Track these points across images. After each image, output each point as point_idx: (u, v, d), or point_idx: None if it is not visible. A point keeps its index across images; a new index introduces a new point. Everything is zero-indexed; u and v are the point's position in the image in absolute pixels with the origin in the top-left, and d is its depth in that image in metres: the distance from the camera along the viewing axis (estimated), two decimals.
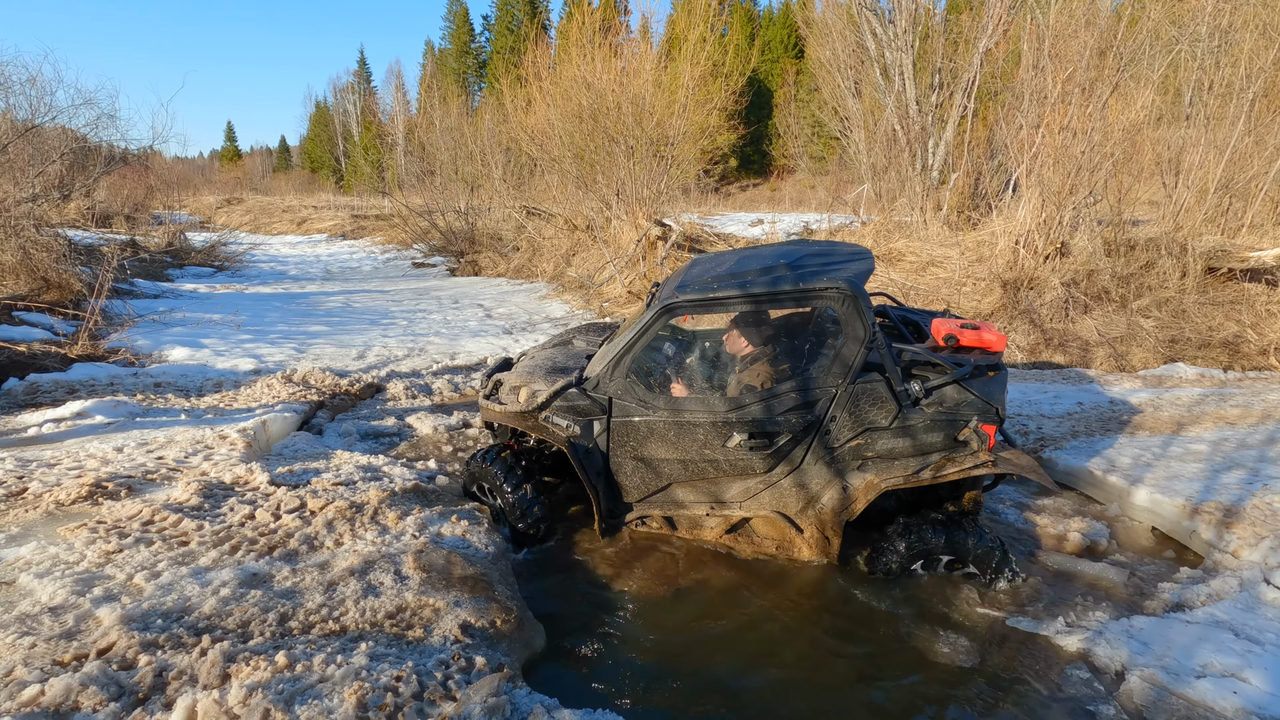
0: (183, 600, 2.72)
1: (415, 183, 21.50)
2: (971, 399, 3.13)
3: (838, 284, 3.13)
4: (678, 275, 3.83)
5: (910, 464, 3.20)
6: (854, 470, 3.28)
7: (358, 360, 7.43)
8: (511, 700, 2.37)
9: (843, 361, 3.17)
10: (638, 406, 3.40)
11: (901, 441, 3.19)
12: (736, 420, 3.28)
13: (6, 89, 9.59)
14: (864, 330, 3.13)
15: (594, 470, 3.50)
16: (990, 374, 3.19)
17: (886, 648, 2.96)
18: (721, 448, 3.33)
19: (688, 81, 11.72)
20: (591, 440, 3.47)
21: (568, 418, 3.47)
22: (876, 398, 3.17)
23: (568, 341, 4.43)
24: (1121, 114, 8.73)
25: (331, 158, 58.85)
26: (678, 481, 3.51)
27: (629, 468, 3.51)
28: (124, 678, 2.28)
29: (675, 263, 10.56)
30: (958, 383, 3.14)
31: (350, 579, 2.99)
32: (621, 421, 3.43)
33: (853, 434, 3.22)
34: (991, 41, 11.53)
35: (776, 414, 3.25)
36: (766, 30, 45.41)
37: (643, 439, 3.42)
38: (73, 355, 6.40)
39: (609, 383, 3.42)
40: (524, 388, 3.68)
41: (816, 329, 3.59)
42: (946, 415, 3.15)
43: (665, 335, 3.85)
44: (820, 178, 28.79)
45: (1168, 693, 2.50)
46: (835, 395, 3.20)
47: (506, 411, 3.65)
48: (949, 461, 3.16)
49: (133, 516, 3.38)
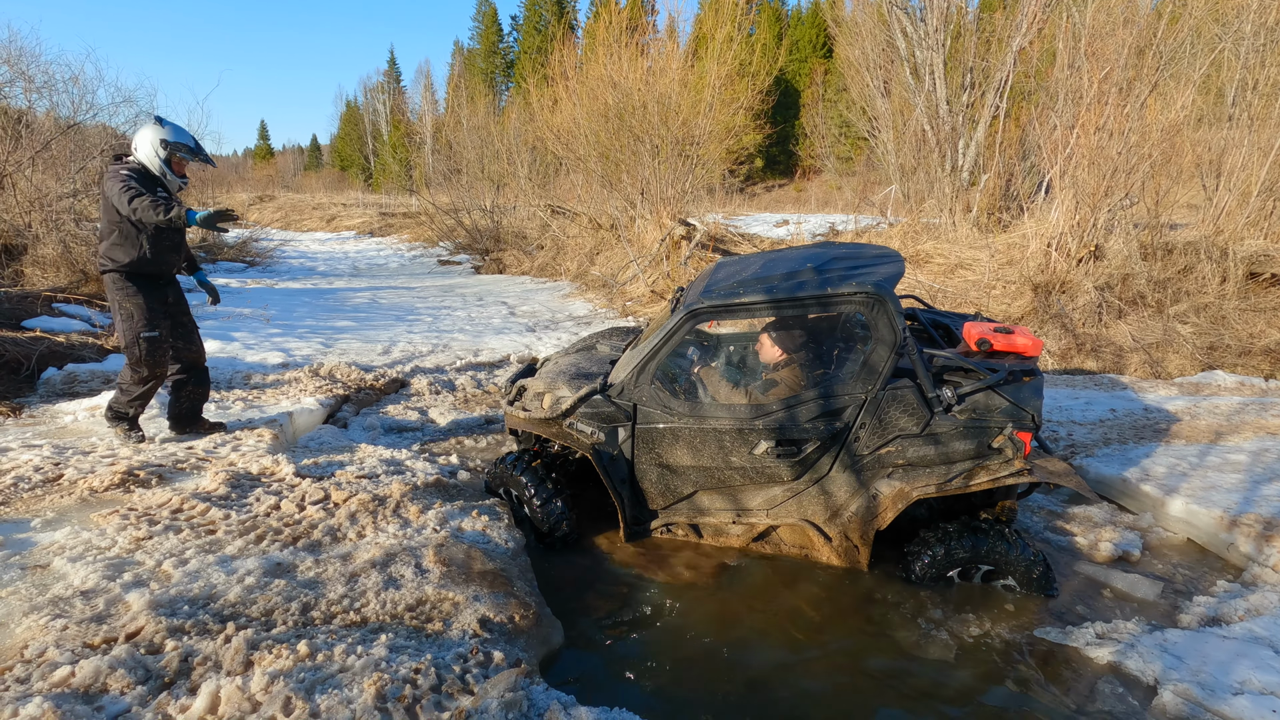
0: (209, 587, 2.77)
1: (442, 181, 21.73)
2: (1006, 405, 3.06)
3: (865, 288, 3.06)
4: (702, 279, 3.80)
5: (942, 472, 3.13)
6: (883, 478, 3.22)
7: (383, 355, 7.52)
8: (528, 696, 2.36)
9: (872, 367, 3.12)
10: (663, 413, 3.37)
11: (933, 449, 3.12)
12: (763, 427, 3.23)
13: (50, 88, 9.89)
14: (894, 335, 3.06)
15: (619, 478, 3.47)
16: (1025, 379, 3.10)
17: (911, 655, 2.91)
18: (748, 455, 3.28)
19: (714, 81, 11.67)
20: (616, 447, 3.44)
21: (592, 424, 3.44)
22: (907, 404, 3.11)
23: (591, 346, 4.41)
24: (1160, 114, 8.50)
25: (361, 156, 59.74)
26: (703, 489, 3.48)
27: (654, 475, 3.48)
28: (151, 662, 2.33)
29: (699, 262, 10.52)
30: (991, 389, 3.07)
31: (372, 571, 3.02)
32: (646, 428, 3.40)
33: (882, 441, 3.16)
34: (1026, 40, 11.30)
35: (804, 421, 3.20)
36: (795, 30, 45.10)
37: (668, 446, 3.39)
38: (109, 346, 6.56)
39: (634, 389, 3.39)
40: (548, 394, 3.66)
41: (845, 334, 3.53)
42: (980, 422, 3.07)
43: (690, 340, 3.80)
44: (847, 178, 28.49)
45: (1203, 709, 2.42)
46: (864, 402, 3.14)
47: (531, 418, 3.61)
48: (983, 469, 3.09)
49: (162, 504, 3.45)
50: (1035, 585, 3.19)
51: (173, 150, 4.13)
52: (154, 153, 4.10)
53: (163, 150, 4.11)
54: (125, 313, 4.15)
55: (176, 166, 4.20)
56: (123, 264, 4.10)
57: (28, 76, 9.66)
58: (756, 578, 3.42)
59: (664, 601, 3.28)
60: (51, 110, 10.58)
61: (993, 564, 3.19)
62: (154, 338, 4.20)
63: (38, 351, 5.86)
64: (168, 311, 4.32)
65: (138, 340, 4.16)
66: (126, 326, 4.16)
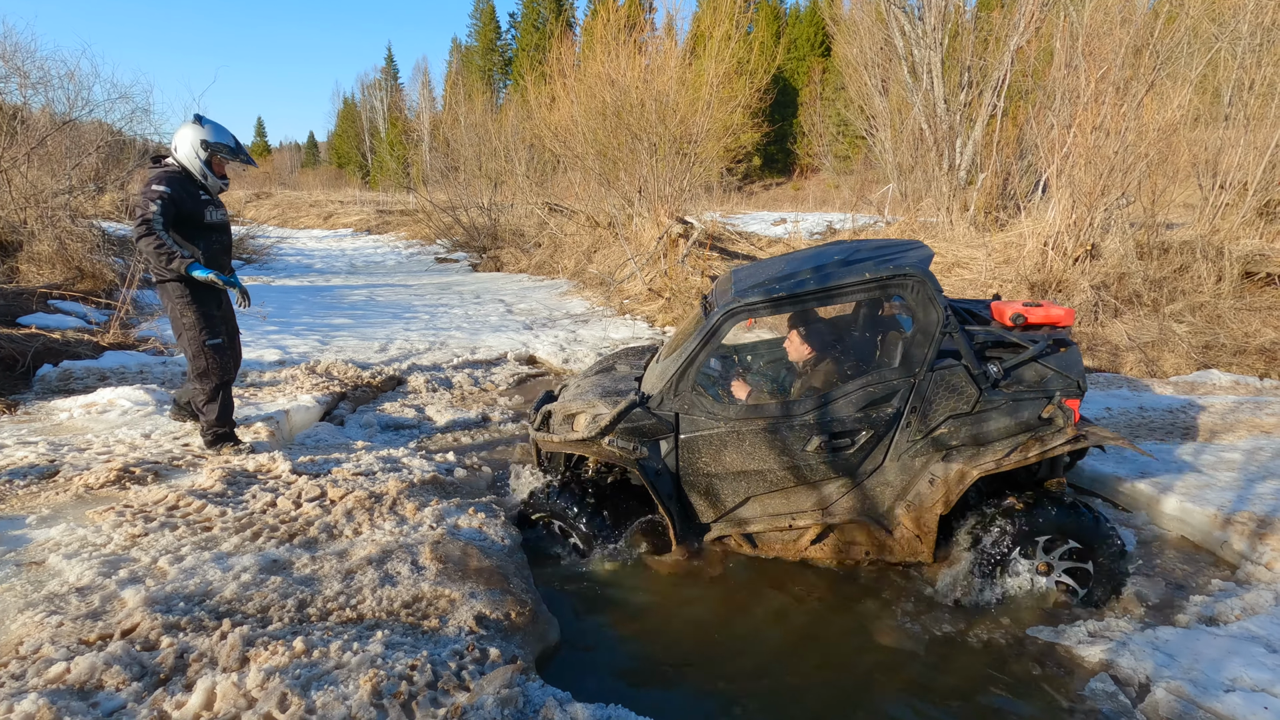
0: (205, 584, 2.77)
1: (440, 179, 21.70)
2: (1051, 374, 3.07)
3: (906, 270, 3.04)
4: (726, 283, 3.72)
5: (997, 448, 3.10)
6: (938, 461, 3.17)
7: (380, 353, 7.52)
8: (524, 692, 2.37)
9: (918, 350, 3.09)
10: (707, 419, 3.28)
11: (985, 426, 3.09)
12: (814, 423, 3.18)
13: (46, 84, 9.85)
14: (938, 315, 3.03)
15: (666, 492, 3.35)
16: (1063, 349, 3.11)
17: (904, 654, 2.92)
18: (800, 453, 3.22)
19: (711, 79, 11.66)
20: (660, 461, 3.33)
21: (633, 439, 3.32)
22: (955, 384, 3.09)
23: (610, 367, 4.29)
24: (1157, 114, 8.51)
25: (358, 154, 59.59)
26: (756, 495, 3.37)
27: (702, 485, 3.38)
28: (146, 658, 2.33)
29: (697, 260, 10.52)
30: (1036, 360, 3.07)
31: (368, 568, 3.02)
32: (691, 437, 3.30)
33: (935, 424, 3.13)
34: (1023, 39, 11.31)
35: (855, 412, 3.15)
36: (793, 28, 45.06)
37: (715, 453, 3.30)
38: (104, 343, 6.55)
39: (674, 398, 3.29)
40: (581, 414, 3.54)
41: (879, 321, 3.48)
42: (1028, 394, 3.07)
43: (727, 345, 3.70)
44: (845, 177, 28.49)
45: (1195, 706, 2.43)
46: (914, 386, 3.10)
47: (567, 440, 3.45)
48: (1037, 441, 3.06)
49: (158, 501, 3.44)
50: (1111, 559, 3.07)
51: (213, 151, 4.07)
52: (194, 153, 4.03)
53: (203, 151, 4.04)
54: (188, 322, 4.06)
55: (217, 167, 4.14)
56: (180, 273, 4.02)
57: (23, 72, 9.62)
58: (752, 575, 3.43)
59: (661, 599, 3.29)
60: (47, 106, 10.53)
61: (1075, 537, 3.09)
62: (219, 345, 4.16)
63: (33, 348, 5.84)
64: (223, 316, 4.28)
65: (204, 349, 4.09)
66: (191, 336, 4.08)
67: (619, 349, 5.06)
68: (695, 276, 10.02)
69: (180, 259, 3.83)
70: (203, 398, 4.15)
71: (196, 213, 4.01)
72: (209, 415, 4.18)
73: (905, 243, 3.57)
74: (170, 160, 4.06)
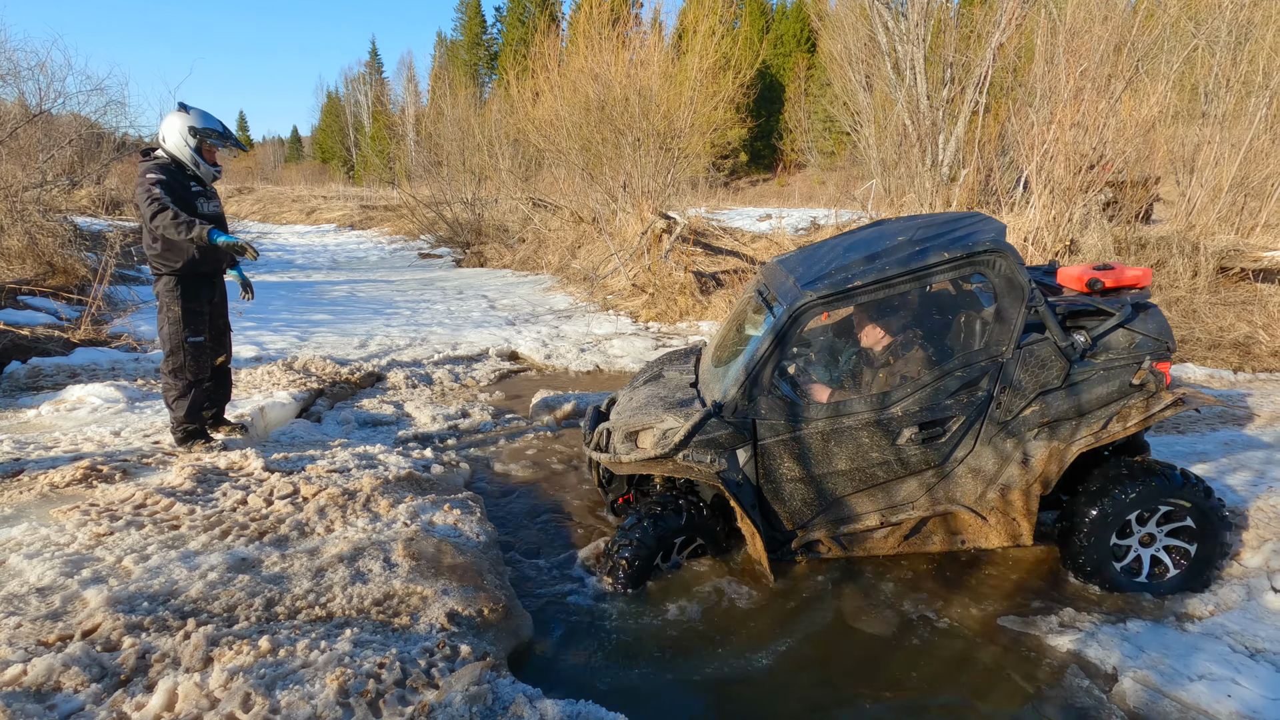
0: (170, 583, 2.72)
1: (423, 174, 21.53)
2: (1140, 339, 2.96)
3: (989, 245, 2.90)
4: (779, 273, 3.51)
5: (1093, 421, 3.00)
6: (1032, 440, 3.05)
7: (359, 349, 7.44)
8: (494, 689, 2.35)
9: (1005, 327, 2.96)
10: (787, 423, 3.11)
11: (1078, 399, 2.98)
12: (903, 414, 3.04)
13: (15, 75, 9.63)
14: (1023, 290, 2.92)
15: (749, 503, 3.16)
16: (1144, 311, 3.02)
17: (879, 647, 2.93)
18: (890, 447, 3.08)
19: (695, 74, 11.63)
20: (738, 471, 3.13)
21: (709, 451, 3.11)
22: (1044, 359, 2.97)
23: (658, 375, 4.05)
24: (1135, 111, 8.60)
25: (342, 148, 59.00)
26: (844, 494, 3.21)
27: (786, 491, 3.20)
28: (107, 659, 2.28)
29: (680, 256, 10.50)
30: (1122, 325, 2.97)
31: (339, 565, 2.98)
32: (771, 443, 3.12)
33: (1025, 402, 3.00)
34: (1004, 36, 11.38)
35: (944, 399, 3.03)
36: (779, 24, 45.11)
37: (799, 456, 3.14)
38: (75, 340, 6.43)
39: (748, 404, 3.10)
40: (647, 430, 3.29)
41: (956, 301, 3.33)
42: (1118, 361, 2.97)
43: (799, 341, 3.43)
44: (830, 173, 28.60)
45: (1161, 695, 2.45)
46: (1002, 365, 2.98)
47: (637, 459, 3.21)
48: (1133, 409, 2.97)
49: (125, 500, 3.38)
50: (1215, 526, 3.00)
51: (202, 137, 3.96)
52: (184, 142, 3.92)
53: (192, 138, 3.93)
54: (173, 316, 3.98)
55: (207, 154, 4.04)
56: (176, 267, 3.94)
57: None
58: (729, 572, 3.42)
59: (637, 595, 3.28)
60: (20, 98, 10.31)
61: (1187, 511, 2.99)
62: (199, 343, 4.08)
63: (1, 345, 5.72)
64: (211, 314, 4.20)
65: (183, 345, 4.01)
66: (173, 331, 3.99)
67: (661, 354, 4.82)
68: (679, 272, 10.01)
69: (200, 226, 3.72)
70: (174, 394, 4.08)
71: (189, 204, 3.91)
72: (178, 412, 4.11)
73: (965, 216, 3.37)
74: (159, 152, 3.95)
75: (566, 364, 7.35)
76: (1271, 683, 2.47)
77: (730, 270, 10.51)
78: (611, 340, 8.22)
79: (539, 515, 4.08)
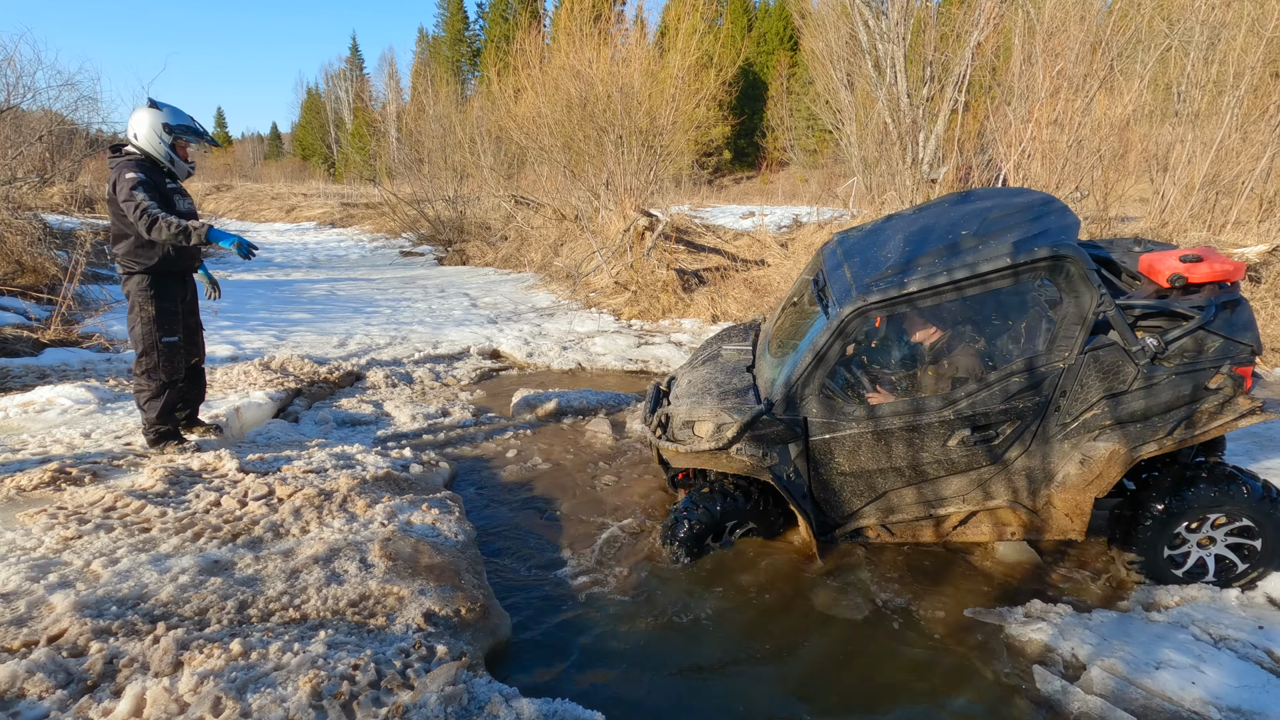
0: (140, 587, 2.68)
1: (405, 171, 21.33)
2: (1219, 343, 2.78)
3: (1056, 252, 2.77)
4: (836, 262, 3.44)
5: (1159, 426, 2.87)
6: (1090, 441, 2.96)
7: (339, 348, 7.37)
8: (469, 689, 2.34)
9: (1068, 333, 2.85)
10: (837, 422, 3.12)
11: (1144, 403, 2.86)
12: (954, 418, 3.00)
13: None
14: (1091, 296, 2.79)
15: (799, 494, 3.23)
16: (1231, 309, 2.83)
17: (853, 640, 2.95)
18: (940, 449, 3.07)
19: (678, 71, 11.63)
20: (790, 465, 3.19)
21: (761, 446, 3.17)
22: (1110, 365, 2.85)
23: (716, 354, 4.04)
24: (1110, 109, 8.72)
25: (323, 145, 58.28)
26: (891, 490, 3.24)
27: (835, 484, 3.25)
28: (73, 665, 2.24)
29: (663, 253, 10.50)
30: (1201, 329, 2.80)
31: (314, 566, 2.95)
32: (822, 440, 3.15)
33: (1086, 406, 2.92)
34: (983, 35, 11.49)
35: (997, 404, 2.96)
36: (762, 22, 45.22)
37: (848, 454, 3.16)
38: (45, 340, 6.30)
39: (800, 403, 3.14)
40: (703, 422, 3.32)
41: (1018, 301, 3.20)
42: (1193, 365, 2.81)
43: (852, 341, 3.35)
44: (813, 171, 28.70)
45: (1128, 683, 2.50)
46: (1064, 371, 2.89)
47: (694, 451, 3.26)
48: (1203, 415, 2.84)
49: (95, 502, 3.32)
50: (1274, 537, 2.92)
51: (177, 134, 3.88)
52: (158, 139, 3.84)
53: (168, 135, 3.85)
54: (147, 315, 3.91)
55: (181, 151, 3.95)
56: (150, 266, 3.86)
57: None
58: (707, 567, 3.43)
59: (617, 593, 3.28)
60: None
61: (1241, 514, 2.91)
62: (174, 343, 4.01)
63: None
64: (185, 312, 4.13)
65: (157, 345, 3.94)
66: (147, 330, 3.92)
67: (719, 330, 4.76)
68: (661, 270, 10.01)
69: (194, 229, 3.67)
70: (146, 394, 4.01)
71: (169, 202, 3.85)
72: (150, 413, 4.04)
73: (1035, 198, 3.21)
74: (131, 149, 3.87)
75: (549, 362, 7.33)
76: (1234, 670, 2.52)
77: (713, 268, 10.52)
78: (594, 338, 8.20)
79: (519, 513, 4.07)
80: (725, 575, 3.37)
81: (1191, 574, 3.11)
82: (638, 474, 4.51)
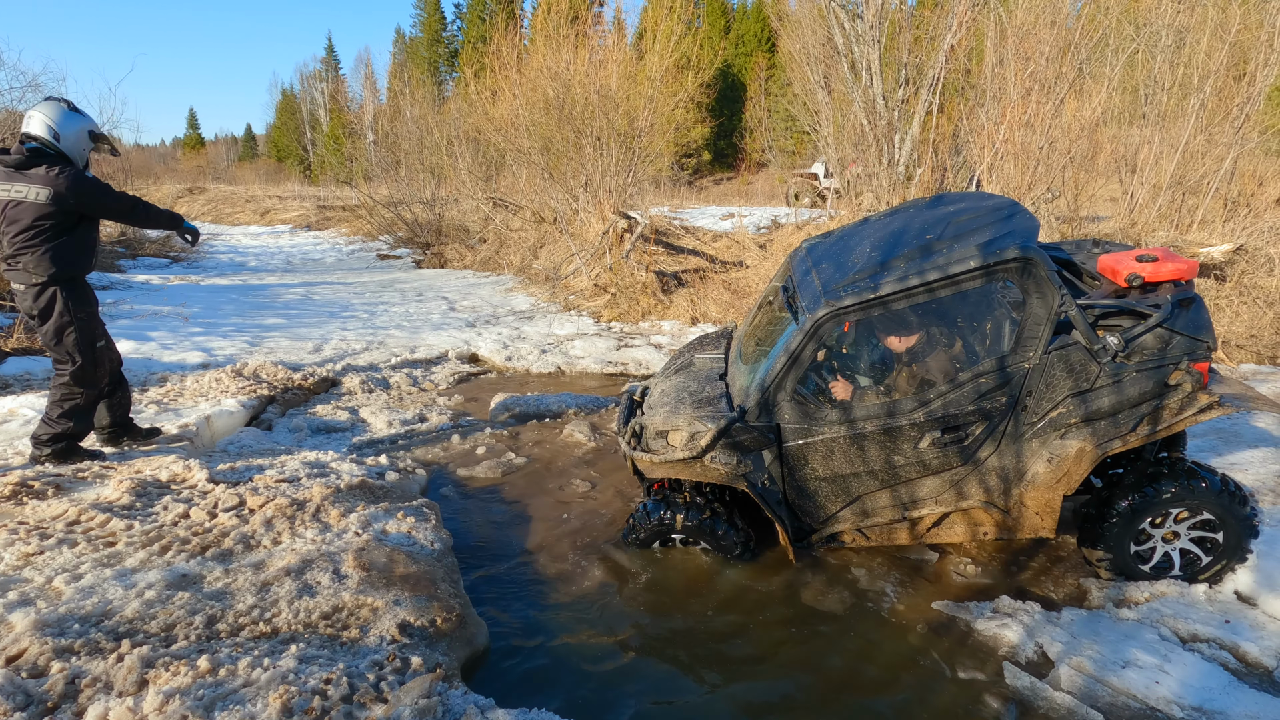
0: (104, 604, 2.61)
1: (382, 173, 21.11)
2: (1176, 339, 2.89)
3: (1017, 254, 2.85)
4: (805, 269, 3.48)
5: (1122, 423, 2.96)
6: (1058, 440, 3.04)
7: (314, 354, 7.26)
8: (444, 701, 2.31)
9: (1031, 334, 2.94)
10: (809, 428, 3.16)
11: (1108, 400, 2.95)
12: (924, 419, 3.06)
13: None
14: (1053, 297, 2.88)
15: (775, 500, 3.25)
16: (1187, 306, 2.94)
17: (829, 642, 2.97)
18: (910, 451, 3.12)
19: (656, 73, 11.64)
20: (764, 471, 3.22)
21: (735, 454, 3.19)
22: (1072, 363, 2.94)
23: (689, 363, 4.04)
24: (1079, 111, 8.88)
25: (299, 147, 57.50)
26: (869, 491, 3.28)
27: (810, 489, 3.28)
28: (33, 686, 2.18)
29: (642, 255, 10.50)
30: (1160, 326, 2.90)
31: (286, 579, 2.90)
32: (795, 446, 3.19)
33: (1051, 405, 3.00)
34: (955, 38, 11.64)
35: (967, 405, 3.03)
36: (740, 24, 45.40)
37: (820, 460, 3.19)
38: (8, 349, 6.13)
39: (773, 409, 3.16)
40: (677, 431, 3.32)
41: (983, 303, 3.28)
42: (1152, 363, 2.91)
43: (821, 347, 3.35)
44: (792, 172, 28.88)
45: (1095, 681, 2.54)
46: (1028, 371, 2.97)
47: (668, 461, 3.26)
48: (1166, 411, 2.92)
49: (57, 517, 3.24)
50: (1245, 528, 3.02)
51: (99, 141, 3.76)
52: (84, 146, 3.69)
53: (92, 143, 3.73)
54: (79, 322, 3.76)
55: (91, 159, 3.84)
56: (66, 271, 3.69)
57: None
58: (683, 573, 3.43)
59: (594, 599, 3.26)
60: None
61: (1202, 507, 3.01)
62: (104, 346, 3.92)
63: None
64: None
65: (92, 349, 3.82)
66: (79, 338, 3.77)
67: (696, 335, 4.79)
68: (641, 272, 10.00)
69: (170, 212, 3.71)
70: (75, 403, 3.84)
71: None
72: (78, 425, 3.90)
73: (996, 202, 3.30)
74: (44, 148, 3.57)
75: (528, 365, 7.29)
76: (1198, 670, 2.57)
77: (692, 269, 10.54)
78: (573, 341, 8.17)
79: (497, 520, 4.04)
80: (701, 580, 3.37)
81: (1158, 569, 3.18)
82: (616, 477, 4.50)
